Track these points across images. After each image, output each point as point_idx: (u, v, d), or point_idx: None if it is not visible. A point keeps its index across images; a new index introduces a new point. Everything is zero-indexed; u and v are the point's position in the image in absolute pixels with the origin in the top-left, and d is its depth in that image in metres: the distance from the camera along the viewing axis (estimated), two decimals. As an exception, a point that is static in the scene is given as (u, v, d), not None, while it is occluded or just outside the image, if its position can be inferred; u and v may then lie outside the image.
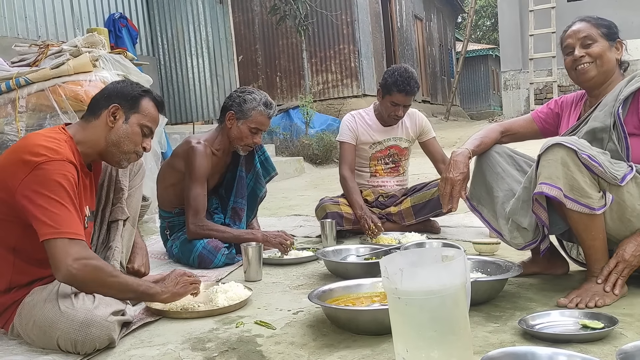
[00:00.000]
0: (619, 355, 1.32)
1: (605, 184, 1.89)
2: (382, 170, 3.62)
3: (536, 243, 2.07)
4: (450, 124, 15.24)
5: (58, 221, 1.69)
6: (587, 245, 1.97)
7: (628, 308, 1.86)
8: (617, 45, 2.13)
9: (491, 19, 32.77)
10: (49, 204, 1.69)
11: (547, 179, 1.88)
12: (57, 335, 1.70)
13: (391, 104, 3.41)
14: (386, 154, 3.60)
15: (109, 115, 1.96)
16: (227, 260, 2.81)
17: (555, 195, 1.86)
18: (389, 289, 1.32)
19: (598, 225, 1.92)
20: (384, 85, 3.43)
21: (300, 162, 8.30)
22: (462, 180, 2.19)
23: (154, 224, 3.88)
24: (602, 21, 2.16)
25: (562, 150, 1.87)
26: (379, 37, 14.01)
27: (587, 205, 1.86)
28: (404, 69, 3.40)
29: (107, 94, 2.01)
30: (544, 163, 1.91)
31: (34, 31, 5.90)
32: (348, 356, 1.61)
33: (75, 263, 1.68)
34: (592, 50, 2.11)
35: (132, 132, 1.98)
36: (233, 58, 7.74)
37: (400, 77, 3.34)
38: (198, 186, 2.84)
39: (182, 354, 1.71)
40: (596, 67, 2.11)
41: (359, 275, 2.23)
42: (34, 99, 3.59)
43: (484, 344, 1.63)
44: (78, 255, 1.69)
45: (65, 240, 1.68)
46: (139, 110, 2.00)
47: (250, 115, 2.91)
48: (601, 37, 2.12)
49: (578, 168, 1.86)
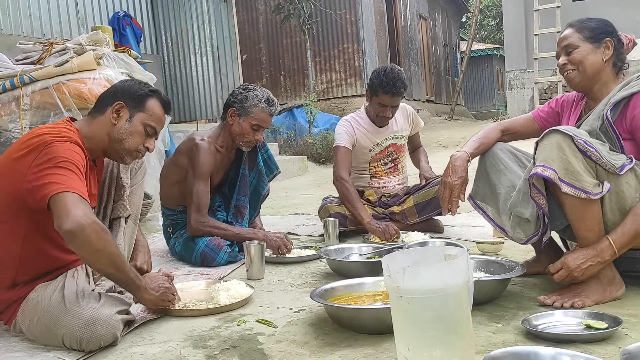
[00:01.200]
0: (622, 355, 1.31)
1: (604, 172, 1.87)
2: (383, 171, 3.61)
3: (537, 235, 2.06)
4: (455, 123, 15.21)
5: (68, 181, 1.65)
6: (581, 236, 1.94)
7: (632, 308, 1.85)
8: (605, 45, 2.08)
9: (496, 18, 32.70)
10: (58, 171, 1.66)
11: (543, 161, 1.88)
12: (62, 332, 1.70)
13: (379, 105, 3.38)
14: (385, 154, 3.59)
15: (112, 112, 1.96)
16: (230, 259, 2.81)
17: (549, 176, 1.85)
18: (391, 288, 1.31)
19: (594, 214, 1.88)
20: (370, 86, 3.39)
21: (303, 161, 8.29)
22: (460, 185, 2.22)
23: (157, 221, 3.89)
24: (587, 23, 2.12)
25: (558, 135, 1.87)
26: (383, 36, 13.99)
27: (582, 189, 1.83)
28: (390, 69, 3.34)
29: (114, 91, 2.01)
30: (541, 148, 1.91)
31: (39, 29, 5.92)
32: (350, 355, 1.61)
33: (86, 217, 1.61)
34: (573, 57, 2.10)
35: (135, 131, 1.98)
36: (237, 57, 7.74)
37: (386, 77, 3.28)
38: (201, 183, 2.84)
39: (183, 351, 1.70)
40: (579, 73, 2.11)
41: (361, 274, 2.22)
42: (37, 96, 3.59)
43: (486, 344, 1.62)
44: (89, 211, 1.64)
45: (76, 196, 1.63)
46: (144, 109, 2.00)
47: (252, 112, 2.91)
48: (584, 40, 2.09)
49: (573, 153, 1.84)
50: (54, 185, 1.63)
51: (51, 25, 6.09)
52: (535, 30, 10.89)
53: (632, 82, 2.01)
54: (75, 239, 1.61)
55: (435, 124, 14.79)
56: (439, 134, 11.78)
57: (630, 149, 1.97)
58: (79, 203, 1.62)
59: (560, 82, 10.56)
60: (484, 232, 3.25)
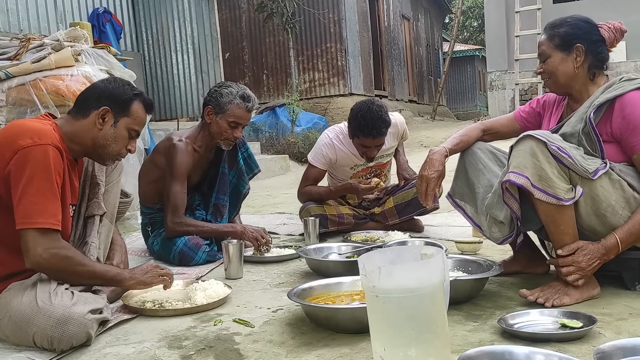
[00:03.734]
0: (596, 354, 1.32)
1: (577, 177, 1.89)
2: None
3: (512, 237, 2.08)
4: (437, 123, 15.29)
5: (34, 210, 1.72)
6: (556, 239, 1.96)
7: (607, 308, 1.87)
8: (575, 51, 2.06)
9: (478, 20, 32.92)
10: (27, 189, 1.72)
11: (516, 168, 1.89)
12: (33, 331, 1.68)
13: (361, 146, 3.19)
14: (368, 171, 3.53)
15: (98, 117, 1.95)
16: (208, 258, 2.79)
17: (522, 184, 1.87)
18: (367, 287, 1.31)
19: (567, 219, 1.91)
20: (349, 127, 3.20)
21: (285, 160, 8.27)
22: (436, 178, 2.22)
23: (136, 220, 3.84)
24: (557, 30, 2.10)
25: (531, 141, 1.88)
26: (366, 36, 14.01)
27: (555, 195, 1.85)
28: (367, 108, 3.08)
29: (98, 94, 1.99)
30: (515, 153, 1.92)
31: (16, 25, 5.82)
32: (326, 355, 1.60)
33: (45, 253, 1.73)
34: (546, 67, 2.12)
35: (120, 136, 1.99)
36: (219, 55, 7.69)
37: (364, 120, 3.05)
38: (177, 184, 2.82)
39: (157, 352, 1.68)
40: (553, 82, 2.13)
41: (340, 273, 2.21)
42: (14, 93, 3.53)
43: (463, 343, 1.62)
44: (48, 246, 1.74)
45: (37, 231, 1.73)
46: (128, 114, 1.99)
47: (228, 109, 2.88)
48: (554, 49, 2.09)
49: (547, 159, 1.86)
50: (20, 216, 1.72)
51: (29, 20, 5.99)
52: (516, 31, 10.99)
53: (615, 85, 2.01)
54: (41, 272, 1.79)
55: (417, 124, 14.85)
56: (421, 134, 11.82)
57: (611, 152, 1.98)
58: (40, 239, 1.73)
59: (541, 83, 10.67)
60: (463, 231, 3.26)
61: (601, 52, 2.09)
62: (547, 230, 1.98)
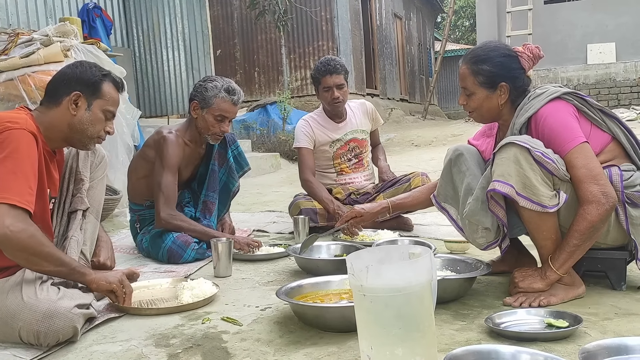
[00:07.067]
0: (581, 354, 1.33)
1: (559, 182, 1.90)
2: (347, 167, 3.64)
3: (497, 243, 2.09)
4: (428, 122, 15.32)
5: (3, 187, 1.67)
6: (539, 245, 1.99)
7: (593, 307, 1.88)
8: (500, 89, 2.06)
9: (470, 19, 33.01)
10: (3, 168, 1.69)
11: (500, 176, 1.90)
12: (19, 326, 1.66)
13: (324, 90, 3.47)
14: (347, 149, 3.62)
15: (70, 102, 1.94)
16: (197, 256, 2.78)
17: (507, 193, 1.88)
18: (355, 286, 1.31)
19: (550, 225, 1.93)
20: (312, 78, 3.56)
21: (276, 158, 8.26)
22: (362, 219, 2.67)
23: (125, 217, 3.83)
24: (482, 66, 2.06)
25: (514, 148, 1.89)
26: (358, 34, 14.01)
27: (540, 203, 1.87)
28: (324, 57, 3.56)
29: (67, 79, 1.97)
30: (498, 161, 1.93)
31: (5, 19, 5.77)
32: (314, 353, 1.60)
33: (13, 226, 1.65)
34: (471, 104, 2.13)
35: (95, 119, 1.98)
36: (210, 52, 7.66)
37: (321, 63, 3.47)
38: (169, 174, 2.80)
39: (145, 350, 1.67)
40: (478, 115, 2.15)
41: (329, 272, 2.21)
42: (2, 88, 3.51)
43: (450, 342, 1.62)
44: (16, 220, 1.67)
45: (7, 206, 1.66)
46: (100, 95, 1.99)
47: (213, 103, 2.88)
48: (479, 87, 2.08)
49: (530, 166, 1.87)
50: None
51: (18, 15, 5.94)
52: (507, 32, 11.05)
53: (526, 105, 2.03)
54: (5, 247, 1.69)
55: (408, 123, 14.88)
56: (412, 133, 11.85)
57: None
58: (10, 213, 1.66)
59: (531, 83, 10.72)
60: (452, 230, 3.24)
61: (523, 84, 2.10)
62: (531, 235, 2.02)
